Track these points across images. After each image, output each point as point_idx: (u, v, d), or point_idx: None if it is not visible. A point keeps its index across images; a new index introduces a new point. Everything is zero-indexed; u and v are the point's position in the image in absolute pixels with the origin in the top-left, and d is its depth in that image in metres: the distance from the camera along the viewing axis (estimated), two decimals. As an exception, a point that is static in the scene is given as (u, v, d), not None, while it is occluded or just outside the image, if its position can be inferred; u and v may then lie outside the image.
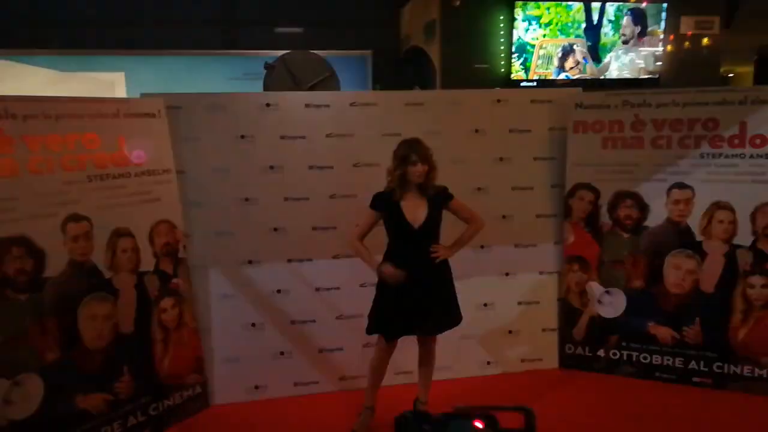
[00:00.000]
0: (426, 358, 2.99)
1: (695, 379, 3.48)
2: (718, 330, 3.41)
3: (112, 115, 2.92)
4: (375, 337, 2.93)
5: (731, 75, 9.49)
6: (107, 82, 5.40)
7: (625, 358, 3.63)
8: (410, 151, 2.69)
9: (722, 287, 3.38)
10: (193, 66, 5.89)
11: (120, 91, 5.49)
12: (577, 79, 6.02)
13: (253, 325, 3.37)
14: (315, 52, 4.14)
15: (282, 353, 3.42)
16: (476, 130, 3.53)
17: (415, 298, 2.77)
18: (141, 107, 3.05)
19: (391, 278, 2.73)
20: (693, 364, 3.48)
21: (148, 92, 3.21)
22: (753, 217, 3.31)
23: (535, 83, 6.05)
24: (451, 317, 2.90)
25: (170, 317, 3.12)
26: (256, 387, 3.40)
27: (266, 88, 4.00)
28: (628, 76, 6.49)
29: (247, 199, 3.31)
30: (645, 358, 3.58)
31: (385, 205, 2.78)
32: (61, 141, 2.71)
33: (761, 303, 3.32)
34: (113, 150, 2.91)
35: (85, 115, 2.82)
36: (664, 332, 3.53)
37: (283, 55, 4.04)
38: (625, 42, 6.41)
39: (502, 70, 6.05)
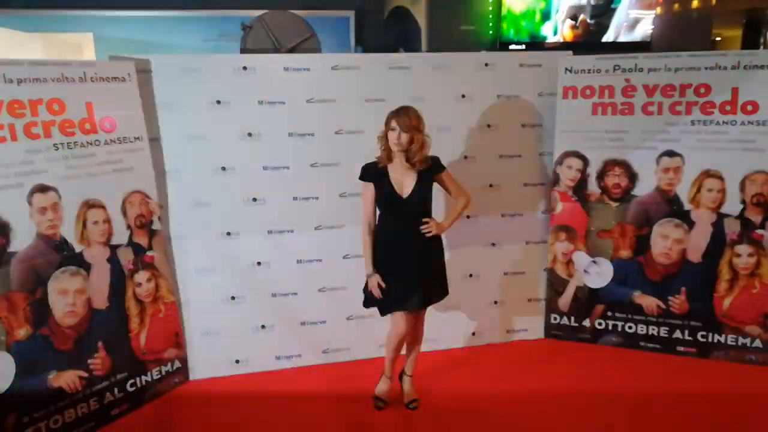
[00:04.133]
0: (414, 332, 2.93)
1: (680, 349, 3.48)
2: (703, 299, 3.40)
3: (78, 79, 2.74)
4: (361, 309, 2.89)
5: (719, 39, 9.38)
6: (74, 43, 5.13)
7: (610, 328, 3.61)
8: (392, 117, 2.62)
9: (709, 257, 3.36)
10: (165, 26, 5.63)
11: (88, 53, 5.22)
12: (566, 43, 5.87)
13: (233, 298, 3.28)
14: (295, 12, 3.96)
15: (263, 326, 3.34)
16: (463, 96, 3.40)
17: (405, 271, 2.72)
18: (110, 71, 2.87)
19: (373, 291, 2.73)
20: (678, 334, 3.48)
21: (117, 54, 3.03)
22: (742, 185, 3.26)
23: (523, 46, 5.89)
24: (439, 291, 2.86)
25: (146, 291, 3.02)
26: (237, 361, 3.34)
27: (243, 50, 3.83)
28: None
29: (224, 168, 3.17)
30: (630, 327, 3.57)
31: (375, 175, 2.70)
32: (24, 107, 2.54)
33: (747, 272, 3.31)
34: (80, 116, 2.75)
35: (50, 79, 2.64)
36: (650, 302, 3.51)
37: (261, 15, 3.85)
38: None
39: (491, 32, 5.87)
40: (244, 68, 3.12)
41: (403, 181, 2.69)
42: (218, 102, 3.11)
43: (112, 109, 2.86)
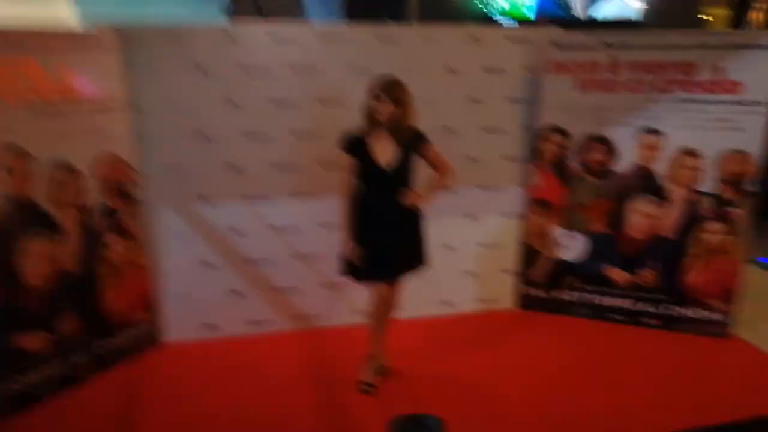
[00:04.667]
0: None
1: (646, 321, 3.56)
2: (672, 274, 3.47)
3: (55, 42, 2.65)
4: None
5: (709, 18, 9.30)
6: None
7: (580, 299, 3.68)
8: (378, 86, 2.57)
9: (682, 233, 3.41)
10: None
11: (65, 13, 5.04)
12: (555, 19, 5.81)
13: (206, 263, 3.27)
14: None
15: (236, 291, 3.35)
16: (450, 69, 3.35)
17: (385, 241, 2.72)
18: (89, 35, 2.77)
19: (351, 257, 2.71)
20: (644, 306, 3.56)
21: (96, 14, 2.92)
22: (719, 164, 3.28)
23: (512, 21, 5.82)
24: (417, 261, 2.86)
25: (117, 254, 2.99)
26: (208, 325, 3.35)
27: (227, 15, 3.73)
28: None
29: (203, 134, 3.11)
30: (600, 300, 3.63)
31: (356, 145, 2.66)
32: (-1, 68, 2.45)
33: (714, 248, 3.37)
34: (56, 80, 2.66)
35: (26, 42, 2.55)
36: (619, 275, 3.56)
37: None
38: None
39: (480, 5, 5.78)
40: (228, 35, 3.03)
41: (385, 153, 2.65)
42: (200, 68, 3.03)
43: (91, 74, 2.78)
